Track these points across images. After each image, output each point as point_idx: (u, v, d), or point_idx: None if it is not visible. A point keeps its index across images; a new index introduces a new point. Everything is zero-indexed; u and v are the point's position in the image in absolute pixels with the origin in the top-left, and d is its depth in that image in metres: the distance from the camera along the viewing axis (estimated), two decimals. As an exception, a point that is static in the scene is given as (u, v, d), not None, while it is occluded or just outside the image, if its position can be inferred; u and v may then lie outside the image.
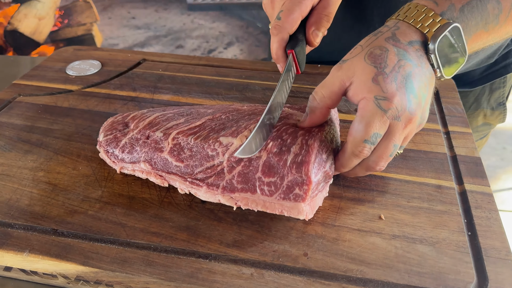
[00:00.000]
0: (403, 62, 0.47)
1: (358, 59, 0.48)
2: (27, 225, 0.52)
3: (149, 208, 0.54)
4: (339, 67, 0.50)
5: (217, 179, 0.52)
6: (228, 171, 0.52)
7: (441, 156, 0.62)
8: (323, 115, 0.52)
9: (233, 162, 0.52)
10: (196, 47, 2.03)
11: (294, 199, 0.48)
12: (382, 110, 0.45)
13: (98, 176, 0.59)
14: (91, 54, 0.90)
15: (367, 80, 0.47)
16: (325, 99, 0.50)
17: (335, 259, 0.48)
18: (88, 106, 0.73)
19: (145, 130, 0.58)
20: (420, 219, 0.52)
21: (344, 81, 0.49)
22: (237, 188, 0.51)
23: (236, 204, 0.51)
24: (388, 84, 0.46)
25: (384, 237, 0.50)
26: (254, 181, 0.50)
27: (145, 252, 0.49)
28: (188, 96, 0.76)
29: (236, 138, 0.53)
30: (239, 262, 0.48)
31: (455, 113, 0.70)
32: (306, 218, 0.49)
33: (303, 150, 0.49)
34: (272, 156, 0.50)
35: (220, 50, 1.99)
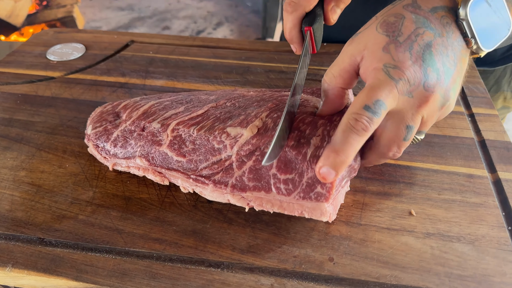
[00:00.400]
0: (421, 30, 0.40)
1: (370, 30, 0.42)
2: (8, 234, 0.45)
3: (149, 210, 0.48)
4: (351, 41, 0.44)
5: (225, 176, 0.46)
6: (238, 166, 0.45)
7: (469, 142, 0.56)
8: (338, 98, 0.45)
9: (243, 156, 0.45)
10: (183, 28, 1.93)
11: (315, 198, 0.42)
12: (392, 78, 0.39)
13: (88, 174, 0.52)
14: (74, 36, 0.82)
15: (378, 49, 0.40)
16: (335, 78, 0.44)
17: (365, 264, 0.42)
18: (73, 95, 0.66)
19: (140, 121, 0.51)
20: (454, 214, 0.47)
21: (354, 56, 0.42)
22: (249, 186, 0.45)
23: (248, 205, 0.45)
24: (401, 53, 0.39)
25: (417, 235, 0.44)
26: (268, 178, 0.44)
27: (147, 262, 0.42)
28: (184, 81, 0.69)
29: (246, 129, 0.46)
30: (256, 271, 0.42)
31: (477, 93, 0.65)
32: (330, 220, 0.43)
33: (324, 142, 0.43)
34: (289, 150, 0.43)
35: (209, 31, 1.89)
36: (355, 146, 0.39)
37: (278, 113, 0.47)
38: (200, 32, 1.86)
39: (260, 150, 0.45)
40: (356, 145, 0.39)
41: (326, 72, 0.45)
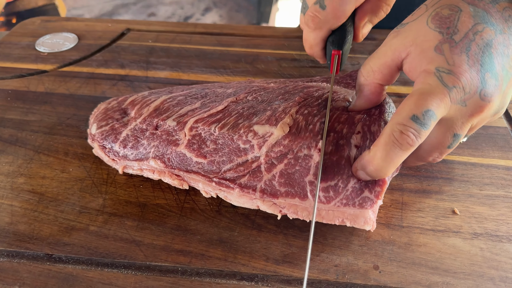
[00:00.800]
0: (480, 26, 0.35)
1: (419, 23, 0.37)
2: (11, 251, 0.40)
3: (168, 218, 0.43)
4: (396, 33, 0.38)
5: (252, 179, 0.41)
6: (267, 169, 0.41)
7: (503, 131, 0.52)
8: (375, 95, 0.40)
9: (273, 159, 0.41)
10: (170, 15, 1.86)
11: (359, 205, 0.38)
12: (444, 85, 0.34)
13: (95, 179, 0.47)
14: (63, 25, 0.75)
15: (429, 48, 0.35)
16: (374, 73, 0.39)
17: (413, 271, 0.38)
18: (69, 90, 0.60)
19: (152, 119, 0.46)
20: (500, 211, 0.43)
21: (399, 51, 0.37)
22: (280, 192, 0.40)
23: (281, 212, 0.41)
24: (456, 55, 0.34)
25: (465, 236, 0.41)
26: (303, 184, 0.40)
27: (173, 278, 0.38)
28: (190, 71, 0.64)
29: (276, 127, 0.41)
30: (295, 283, 0.38)
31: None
32: (372, 228, 0.39)
33: (367, 141, 0.39)
34: (328, 157, 0.39)
35: (197, 17, 1.83)
36: (396, 162, 0.35)
37: (309, 109, 0.43)
38: (188, 18, 1.79)
39: (294, 153, 0.40)
40: (397, 161, 0.35)
41: (364, 64, 0.40)
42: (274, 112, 0.44)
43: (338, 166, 0.38)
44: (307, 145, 0.40)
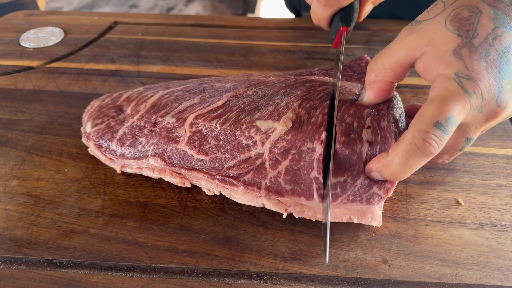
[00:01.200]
0: (500, 31, 0.34)
1: (437, 23, 0.36)
2: (9, 258, 0.38)
3: (170, 218, 0.42)
4: (410, 30, 0.37)
5: (257, 177, 0.40)
6: (272, 166, 0.40)
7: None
8: (385, 92, 0.40)
9: (277, 155, 0.40)
10: (152, 6, 1.83)
11: (367, 201, 0.38)
12: (465, 91, 0.33)
13: (92, 179, 0.45)
14: (48, 19, 0.73)
15: (447, 51, 0.35)
16: (385, 70, 0.38)
17: (422, 263, 0.38)
18: (59, 87, 0.58)
19: (150, 115, 0.45)
20: (503, 200, 0.43)
21: (413, 50, 0.36)
22: (286, 190, 0.39)
23: (287, 211, 0.40)
24: (475, 60, 0.34)
25: (470, 227, 0.41)
26: (309, 182, 0.39)
27: (180, 279, 0.37)
28: (183, 65, 0.62)
29: (279, 122, 0.40)
30: (305, 280, 0.37)
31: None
32: (379, 224, 0.39)
33: (379, 137, 0.38)
34: (341, 148, 0.38)
35: (180, 8, 1.80)
36: (414, 168, 0.34)
37: (311, 103, 0.42)
38: (171, 9, 1.77)
39: (297, 148, 0.40)
40: (416, 167, 0.34)
41: (374, 60, 0.39)
42: (277, 107, 0.43)
43: (349, 161, 0.38)
44: (310, 138, 0.39)
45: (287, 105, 0.42)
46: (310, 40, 0.67)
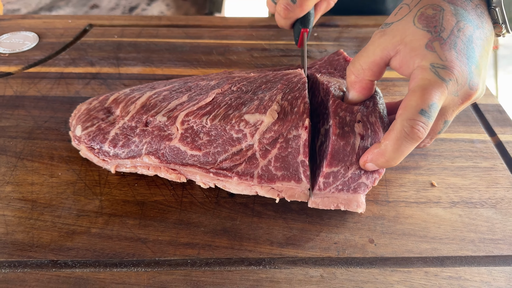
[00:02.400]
0: (462, 24, 0.39)
1: (406, 23, 0.40)
2: (13, 261, 0.39)
3: (169, 214, 0.44)
4: (382, 32, 0.41)
5: (249, 167, 0.43)
6: (262, 155, 0.43)
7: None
8: (366, 90, 0.43)
9: (266, 145, 0.43)
10: (114, 6, 1.79)
11: (354, 190, 0.41)
12: (442, 79, 0.37)
13: (87, 181, 0.47)
14: (20, 23, 0.72)
15: (420, 46, 0.38)
16: (364, 71, 0.42)
17: (405, 241, 0.42)
18: (41, 91, 0.58)
19: (141, 116, 0.47)
20: (471, 180, 0.48)
21: (388, 50, 0.40)
22: (277, 176, 0.42)
23: (279, 196, 0.43)
24: (447, 51, 0.37)
25: (444, 206, 0.45)
26: (296, 166, 0.42)
27: (184, 270, 0.39)
28: (163, 66, 0.64)
29: (266, 115, 0.43)
30: (301, 263, 0.40)
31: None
32: (363, 210, 0.42)
33: (369, 131, 0.41)
34: (336, 139, 0.41)
35: (143, 7, 1.76)
36: (406, 153, 0.38)
37: (292, 94, 0.45)
38: (134, 9, 1.73)
39: (284, 136, 0.43)
40: (407, 152, 0.38)
41: (353, 62, 0.42)
42: (261, 101, 0.45)
43: (343, 152, 0.41)
44: (295, 126, 0.42)
45: (271, 98, 0.45)
46: (284, 38, 0.70)
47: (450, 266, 0.40)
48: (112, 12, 1.99)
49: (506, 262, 0.41)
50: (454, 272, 0.40)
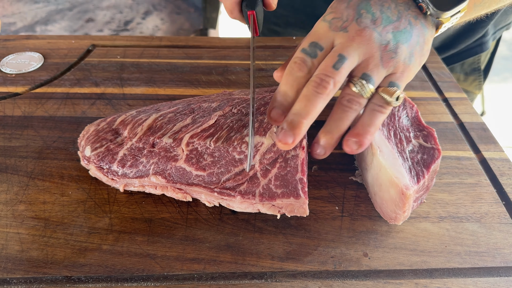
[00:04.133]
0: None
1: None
2: (29, 278, 0.42)
3: (175, 230, 0.46)
4: None
5: (251, 186, 0.46)
6: (263, 175, 0.46)
7: (450, 126, 0.61)
8: None
9: (266, 165, 0.46)
10: (109, 20, 1.83)
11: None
12: (324, 21, 0.42)
13: (96, 199, 0.49)
14: (24, 44, 0.75)
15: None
16: None
17: (396, 254, 0.45)
18: (48, 112, 0.60)
19: (148, 137, 0.49)
20: (457, 196, 0.51)
21: None
22: (277, 194, 0.45)
23: (280, 212, 0.46)
24: (338, 3, 0.43)
25: (433, 220, 0.49)
26: (295, 183, 0.45)
27: (191, 284, 0.42)
28: (165, 86, 0.66)
29: (266, 137, 0.47)
30: (300, 276, 0.43)
31: (445, 79, 0.70)
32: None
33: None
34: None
35: (138, 21, 1.81)
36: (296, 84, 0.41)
37: None
38: (129, 23, 1.78)
39: (283, 157, 0.46)
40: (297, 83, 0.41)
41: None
42: (261, 123, 0.48)
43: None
44: (293, 147, 0.45)
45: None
46: (279, 58, 0.74)
47: (438, 278, 0.43)
48: (107, 26, 2.01)
49: (490, 274, 0.44)
50: (442, 283, 0.43)
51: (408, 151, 0.48)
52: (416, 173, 0.46)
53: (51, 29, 2.00)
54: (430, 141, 0.49)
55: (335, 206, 0.49)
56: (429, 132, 0.50)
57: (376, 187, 0.48)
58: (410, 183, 0.44)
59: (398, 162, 0.46)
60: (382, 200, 0.47)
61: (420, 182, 0.45)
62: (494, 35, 0.83)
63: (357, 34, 0.41)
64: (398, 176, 0.44)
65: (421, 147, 0.49)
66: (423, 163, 0.47)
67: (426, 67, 0.73)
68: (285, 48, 0.76)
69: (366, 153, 0.50)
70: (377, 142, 0.48)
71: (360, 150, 0.41)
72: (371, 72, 0.41)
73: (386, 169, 0.45)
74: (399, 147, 0.48)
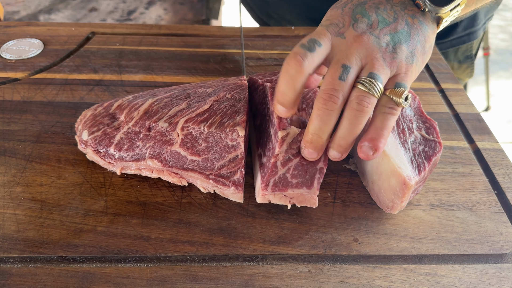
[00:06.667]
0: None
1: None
2: (25, 257, 0.43)
3: (169, 214, 0.47)
4: None
5: (267, 175, 0.46)
6: (283, 164, 0.46)
7: (445, 116, 0.62)
8: None
9: (291, 155, 0.45)
10: (112, 9, 1.84)
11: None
12: (322, 26, 0.43)
13: (92, 183, 0.50)
14: (25, 30, 0.75)
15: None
16: None
17: (387, 240, 0.46)
18: (47, 97, 0.61)
19: (144, 121, 0.50)
20: (449, 184, 0.52)
21: None
22: (292, 184, 0.44)
23: (290, 202, 0.46)
24: (333, 10, 0.44)
25: (424, 208, 0.49)
26: (314, 172, 0.45)
27: (183, 265, 0.43)
28: (163, 73, 0.67)
29: (291, 127, 0.46)
30: (291, 260, 0.44)
31: (442, 70, 0.71)
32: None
33: None
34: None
35: (141, 10, 1.81)
36: (292, 83, 0.40)
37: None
38: (132, 13, 1.78)
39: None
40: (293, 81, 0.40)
41: None
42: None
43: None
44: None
45: None
46: (277, 48, 0.74)
47: (427, 264, 0.44)
48: (110, 15, 2.02)
49: (478, 260, 0.45)
50: (431, 269, 0.44)
51: (410, 142, 0.48)
52: (417, 165, 0.46)
53: (54, 18, 2.01)
54: (432, 134, 0.49)
55: (328, 193, 0.50)
56: (431, 125, 0.50)
57: (375, 175, 0.48)
58: (412, 174, 0.45)
59: (401, 153, 0.46)
60: (380, 189, 0.47)
61: (421, 174, 0.45)
62: (484, 25, 0.83)
63: (355, 40, 0.41)
64: (401, 166, 0.45)
65: (423, 139, 0.49)
66: (425, 156, 0.47)
67: (424, 58, 0.73)
68: (284, 38, 0.76)
69: None
70: None
71: (376, 156, 0.41)
72: (377, 71, 0.41)
73: (389, 158, 0.45)
74: (401, 137, 0.48)
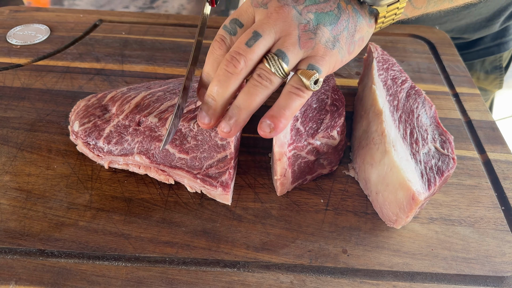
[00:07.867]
0: None
1: None
2: (4, 248, 0.42)
3: (153, 212, 0.46)
4: None
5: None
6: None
7: (457, 123, 0.58)
8: None
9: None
10: (136, -3, 1.79)
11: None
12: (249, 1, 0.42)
13: (80, 175, 0.49)
14: (34, 16, 0.75)
15: None
16: None
17: (378, 253, 0.43)
18: (46, 85, 0.61)
19: (134, 115, 0.49)
20: (453, 197, 0.49)
21: None
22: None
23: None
24: None
25: (422, 221, 0.46)
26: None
27: (161, 267, 0.41)
28: (165, 65, 0.65)
29: None
30: (273, 268, 0.42)
31: (459, 72, 0.66)
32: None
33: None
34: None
35: (163, -1, 1.77)
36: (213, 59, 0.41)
37: None
38: (155, 1, 1.77)
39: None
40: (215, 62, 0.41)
41: None
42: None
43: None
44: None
45: None
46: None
47: (419, 282, 0.41)
48: (134, 3, 2.02)
49: (476, 282, 0.42)
50: (423, 288, 0.41)
51: (422, 154, 0.45)
52: (428, 179, 0.43)
53: (78, 3, 2.02)
54: (447, 149, 0.46)
55: (321, 199, 0.48)
56: (447, 139, 0.46)
57: (381, 186, 0.45)
58: (421, 189, 0.42)
59: (411, 165, 0.43)
60: (385, 201, 0.45)
61: (431, 189, 0.42)
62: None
63: (275, 11, 0.40)
64: (411, 179, 0.42)
65: (436, 153, 0.45)
66: (437, 170, 0.43)
67: (440, 59, 0.69)
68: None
69: (374, 149, 0.47)
70: (393, 140, 0.45)
71: (274, 135, 0.40)
72: (286, 50, 0.39)
73: (399, 170, 0.42)
74: (413, 147, 0.45)
